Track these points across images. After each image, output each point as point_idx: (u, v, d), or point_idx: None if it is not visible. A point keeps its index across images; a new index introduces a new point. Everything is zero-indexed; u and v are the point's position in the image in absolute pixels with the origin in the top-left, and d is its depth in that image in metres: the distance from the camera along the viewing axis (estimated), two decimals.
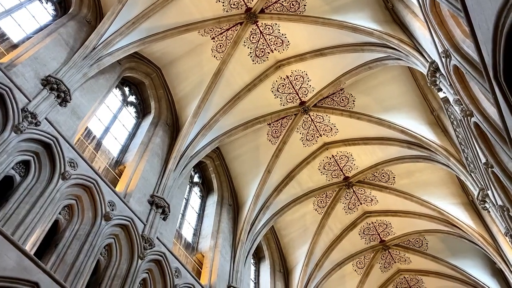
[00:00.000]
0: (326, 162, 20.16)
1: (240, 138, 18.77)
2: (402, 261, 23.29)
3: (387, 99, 17.25)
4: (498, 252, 16.39)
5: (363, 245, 22.66)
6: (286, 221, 21.44)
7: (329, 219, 21.30)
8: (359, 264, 23.11)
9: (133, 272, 11.12)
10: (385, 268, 23.53)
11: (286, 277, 21.02)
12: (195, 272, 14.67)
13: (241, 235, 17.58)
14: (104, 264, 10.88)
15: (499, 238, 15.79)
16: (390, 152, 18.68)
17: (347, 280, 23.11)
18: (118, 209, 11.55)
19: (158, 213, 12.99)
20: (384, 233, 22.32)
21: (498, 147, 8.47)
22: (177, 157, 14.76)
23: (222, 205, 18.24)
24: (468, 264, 21.25)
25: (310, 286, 20.88)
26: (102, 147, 13.27)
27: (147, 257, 11.86)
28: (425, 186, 19.36)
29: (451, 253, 21.60)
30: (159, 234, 12.80)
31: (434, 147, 15.82)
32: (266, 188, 18.93)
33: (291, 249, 21.67)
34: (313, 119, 18.84)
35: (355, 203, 21.44)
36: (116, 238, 11.39)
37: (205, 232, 16.89)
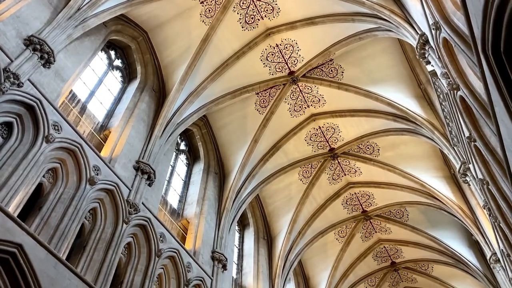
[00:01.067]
0: (313, 133, 20.25)
1: (228, 106, 18.66)
2: (383, 231, 23.91)
3: (376, 71, 17.23)
4: (476, 224, 16.92)
5: (345, 215, 23.14)
6: (272, 190, 21.69)
7: (313, 189, 21.60)
8: (340, 233, 23.65)
9: (118, 236, 11.21)
10: (366, 237, 24.15)
11: (270, 244, 21.46)
12: (180, 237, 14.86)
13: (226, 202, 17.77)
14: (88, 227, 10.93)
15: (477, 211, 16.26)
16: (376, 124, 18.82)
17: (328, 248, 23.72)
18: (103, 173, 11.52)
19: (143, 179, 12.99)
20: (367, 203, 22.77)
21: (482, 121, 8.59)
22: (163, 123, 14.65)
23: (208, 173, 18.31)
24: (446, 235, 21.93)
25: (293, 253, 21.40)
26: (87, 111, 13.09)
27: (132, 222, 11.93)
28: (409, 159, 19.68)
29: (431, 224, 22.24)
30: (144, 199, 12.85)
31: (419, 121, 15.98)
32: (252, 157, 19.01)
33: (275, 217, 22.03)
34: (301, 90, 18.77)
35: (339, 174, 21.73)
36: (101, 203, 11.40)
37: (191, 199, 17.01)
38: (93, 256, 10.47)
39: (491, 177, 9.72)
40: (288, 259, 21.22)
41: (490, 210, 11.33)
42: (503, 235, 11.46)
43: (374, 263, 25.20)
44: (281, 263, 20.58)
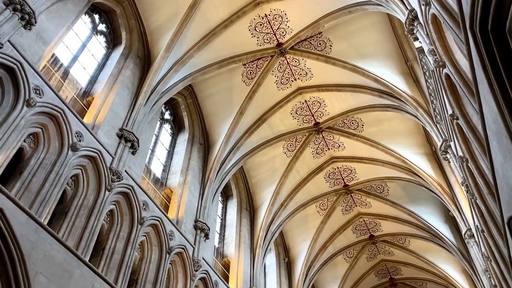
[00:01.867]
0: (299, 106, 20.25)
1: (214, 77, 18.45)
2: (363, 205, 24.40)
3: (364, 46, 17.16)
4: (453, 201, 17.39)
5: (327, 188, 23.48)
6: (256, 163, 21.81)
7: (297, 162, 21.78)
8: (322, 206, 24.05)
9: (100, 203, 11.20)
10: (346, 211, 24.64)
11: (252, 215, 21.75)
12: (163, 206, 14.93)
13: (210, 173, 17.82)
14: (70, 194, 10.87)
15: (456, 188, 16.68)
16: (362, 100, 18.90)
17: (309, 220, 24.15)
18: (85, 140, 11.38)
19: (127, 147, 12.89)
20: (348, 178, 23.11)
21: (465, 99, 8.69)
22: (147, 91, 14.43)
23: (192, 144, 18.26)
24: (424, 210, 22.51)
25: (274, 224, 21.75)
26: (69, 76, 12.80)
27: (115, 189, 11.91)
28: (392, 135, 19.92)
29: (410, 200, 22.76)
30: (128, 167, 12.79)
31: (404, 97, 16.10)
32: (237, 129, 18.98)
33: (258, 189, 22.25)
34: (289, 62, 18.63)
35: (323, 148, 21.91)
36: (83, 169, 11.32)
37: (175, 169, 17.00)
38: (75, 222, 10.47)
39: (471, 154, 9.93)
40: (270, 230, 21.59)
41: (468, 187, 11.62)
42: (478, 211, 11.80)
43: (353, 236, 25.81)
44: (262, 234, 20.93)
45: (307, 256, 24.18)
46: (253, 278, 19.23)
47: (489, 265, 13.77)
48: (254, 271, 19.55)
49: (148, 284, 12.41)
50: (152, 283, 12.55)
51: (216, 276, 16.16)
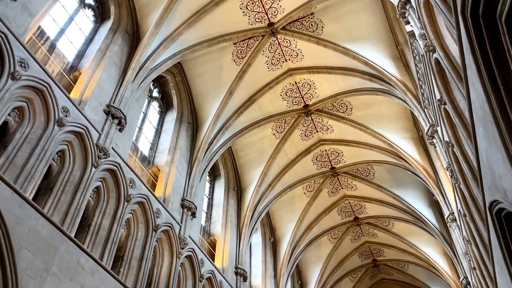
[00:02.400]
0: (289, 88, 20.19)
1: (204, 55, 18.23)
2: (349, 188, 24.68)
3: (355, 28, 17.08)
4: (437, 185, 17.67)
5: (314, 170, 23.65)
6: (244, 143, 21.82)
7: (286, 144, 21.85)
8: (308, 188, 24.27)
9: (87, 179, 11.13)
10: (332, 193, 24.90)
11: (239, 195, 21.87)
12: (150, 184, 14.91)
13: (198, 153, 17.79)
14: (56, 169, 10.78)
15: (440, 173, 16.93)
16: (352, 83, 18.91)
17: (296, 201, 24.39)
18: (72, 115, 11.23)
19: (114, 124, 12.76)
20: (336, 160, 23.29)
21: (453, 84, 8.74)
22: (136, 68, 14.22)
23: (181, 123, 18.15)
24: (409, 194, 22.86)
25: (261, 204, 21.92)
26: (56, 50, 12.53)
27: (101, 166, 11.83)
28: (380, 119, 20.04)
29: (395, 183, 23.07)
30: (115, 144, 12.69)
31: (394, 81, 16.15)
32: (226, 109, 18.90)
33: (246, 170, 22.32)
34: (280, 43, 18.48)
35: (312, 131, 21.98)
36: (70, 145, 11.20)
37: (162, 147, 16.93)
38: (60, 197, 10.41)
39: (457, 140, 10.05)
40: (257, 210, 21.77)
41: (452, 172, 11.80)
42: (461, 196, 12.02)
43: (338, 218, 26.17)
44: (249, 214, 21.10)
45: (293, 236, 24.49)
46: (238, 257, 19.46)
47: (469, 248, 14.11)
48: (240, 250, 19.77)
49: (134, 261, 12.48)
50: (138, 260, 12.62)
51: (202, 254, 16.31)
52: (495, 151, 6.52)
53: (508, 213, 7.33)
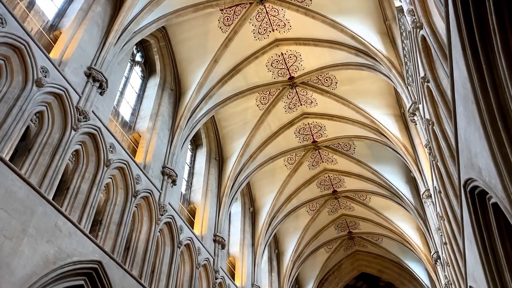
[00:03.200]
0: (275, 59, 20.00)
1: (190, 20, 17.78)
2: (329, 162, 24.98)
3: (344, 0, 16.84)
4: (416, 162, 18.02)
5: (296, 143, 23.80)
6: (228, 113, 21.71)
7: (269, 115, 21.83)
8: (290, 160, 24.47)
9: (66, 142, 10.96)
10: (313, 166, 25.18)
11: (221, 165, 21.93)
12: (130, 150, 14.78)
13: (180, 121, 17.63)
14: (34, 131, 10.56)
15: (419, 150, 17.23)
16: (338, 57, 18.82)
17: (277, 173, 24.62)
18: (51, 76, 10.92)
19: (95, 87, 12.48)
20: (318, 134, 23.44)
21: (438, 63, 8.79)
22: (118, 30, 13.80)
23: (164, 89, 17.88)
24: (387, 170, 23.29)
25: (242, 175, 22.06)
26: (35, 7, 12.04)
27: (81, 130, 11.64)
28: (364, 95, 20.13)
29: (374, 159, 23.43)
30: (95, 108, 12.46)
31: (379, 57, 16.13)
32: (211, 77, 18.65)
33: (228, 140, 22.31)
34: (268, 11, 18.15)
35: (296, 104, 21.97)
36: (49, 106, 10.94)
37: (144, 113, 16.72)
38: (38, 159, 10.26)
39: (437, 118, 10.19)
40: (237, 180, 21.92)
41: (431, 149, 12.03)
42: (438, 173, 12.31)
43: (317, 190, 26.58)
44: (230, 184, 21.24)
45: (272, 207, 24.84)
46: (218, 225, 19.70)
47: (442, 224, 14.58)
48: (219, 219, 19.99)
49: (113, 225, 12.50)
50: (117, 224, 12.65)
51: (182, 221, 16.43)
52: (473, 130, 6.65)
53: (481, 191, 7.54)
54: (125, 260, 12.85)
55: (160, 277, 14.46)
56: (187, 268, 16.56)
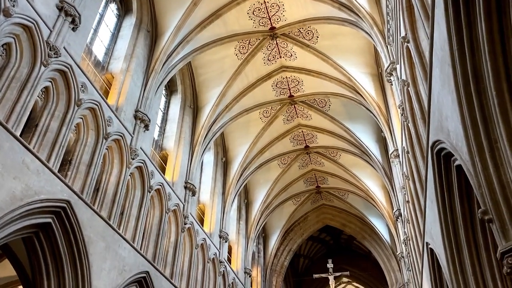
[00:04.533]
0: (257, 7, 19.39)
1: None
2: (304, 117, 25.13)
3: None
4: (387, 122, 18.36)
5: (273, 96, 23.71)
6: (205, 60, 21.23)
7: (247, 66, 21.49)
8: (265, 113, 24.48)
9: (35, 77, 10.54)
10: (288, 120, 25.31)
11: (195, 113, 21.74)
12: (102, 91, 14.39)
13: (156, 64, 17.14)
14: (1, 63, 10.08)
15: (392, 111, 17.51)
16: (321, 10, 18.41)
17: (251, 125, 24.65)
18: (20, 6, 10.29)
19: (67, 22, 11.87)
20: (295, 89, 23.38)
21: (420, 23, 8.74)
22: None
23: (139, 30, 17.21)
24: (359, 129, 23.69)
25: (216, 125, 22.00)
26: None
27: (51, 66, 11.18)
28: (344, 52, 19.99)
29: (348, 117, 23.71)
30: (67, 44, 11.92)
31: (362, 13, 15.88)
32: (189, 21, 17.98)
33: (204, 88, 21.98)
34: None
35: (275, 56, 21.66)
36: (17, 39, 10.39)
37: (118, 54, 16.15)
38: (5, 94, 9.88)
39: (413, 79, 10.30)
40: (211, 130, 21.86)
41: (404, 110, 12.23)
42: (408, 134, 12.61)
43: (290, 145, 26.90)
44: (203, 133, 21.18)
45: (244, 158, 25.08)
46: (189, 173, 19.82)
47: (407, 183, 15.14)
48: (191, 167, 20.08)
49: (82, 166, 12.39)
50: (87, 165, 12.54)
51: (153, 166, 16.43)
52: (447, 93, 6.76)
53: (447, 153, 7.79)
54: (94, 201, 12.87)
55: (129, 220, 14.63)
56: (156, 212, 16.77)
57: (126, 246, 13.68)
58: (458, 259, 8.51)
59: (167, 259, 17.07)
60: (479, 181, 5.63)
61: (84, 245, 11.46)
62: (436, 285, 11.53)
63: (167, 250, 17.29)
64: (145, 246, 15.54)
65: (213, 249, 21.73)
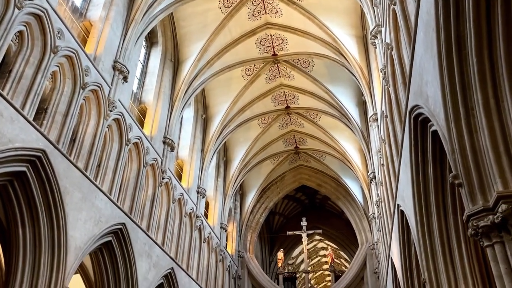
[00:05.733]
0: None
1: None
2: (287, 77, 24.95)
3: None
4: (369, 86, 18.43)
5: (256, 54, 23.33)
6: (188, 12, 20.55)
7: (231, 21, 20.93)
8: (247, 71, 24.16)
9: (8, 20, 10.02)
10: (270, 79, 25.09)
11: (176, 67, 21.30)
12: (80, 39, 13.84)
13: (136, 13, 16.48)
14: None
15: (374, 74, 17.53)
16: None
17: (233, 82, 24.36)
18: None
19: None
20: (279, 47, 23.03)
21: None
22: None
23: None
24: (341, 91, 23.72)
25: (197, 80, 21.66)
26: None
27: (26, 9, 10.62)
28: (330, 11, 19.62)
29: (330, 79, 23.64)
30: None
31: None
32: None
33: (186, 42, 21.43)
34: None
35: (260, 11, 21.13)
36: None
37: (97, 1, 15.45)
38: None
39: (397, 43, 10.26)
40: (192, 85, 21.53)
41: (385, 74, 12.26)
42: (388, 98, 12.72)
43: (271, 105, 26.82)
44: (184, 88, 20.84)
45: (225, 116, 24.96)
46: (168, 128, 19.66)
47: (383, 147, 15.43)
48: (170, 122, 19.90)
49: (59, 116, 12.12)
50: (63, 115, 12.27)
51: (131, 119, 16.21)
52: (429, 58, 6.77)
53: (425, 118, 7.92)
54: (70, 152, 12.70)
55: (106, 172, 14.56)
56: (134, 166, 16.72)
57: (102, 197, 13.71)
58: (427, 221, 8.87)
59: (144, 212, 17.22)
60: (452, 147, 5.77)
61: (60, 195, 11.42)
62: (404, 245, 12.06)
63: (144, 204, 17.41)
64: (122, 199, 15.59)
65: (190, 204, 21.99)
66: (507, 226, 4.80)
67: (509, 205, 4.70)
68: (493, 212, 4.94)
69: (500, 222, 4.82)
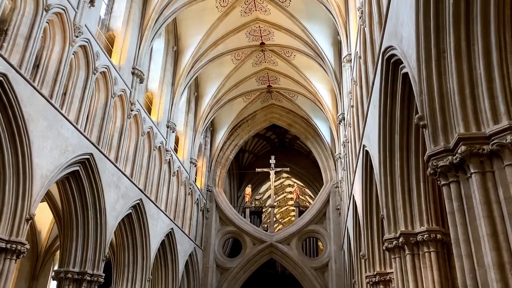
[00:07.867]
0: None
1: None
2: (263, 11, 24.13)
3: None
4: (345, 26, 18.14)
5: None
6: None
7: None
8: (222, 2, 23.16)
9: None
10: (245, 13, 24.20)
11: None
12: None
13: None
14: None
15: (351, 13, 17.19)
16: None
17: (207, 14, 23.24)
18: None
19: None
20: None
21: None
22: None
23: None
24: (317, 30, 23.25)
25: (169, 9, 20.49)
26: None
27: None
28: None
29: (307, 16, 23.01)
30: None
31: None
32: None
33: None
34: None
35: None
36: None
37: None
38: None
39: None
40: (163, 14, 20.54)
41: (362, 13, 12.05)
42: (363, 38, 12.61)
43: (246, 40, 26.13)
44: (154, 16, 19.88)
45: (197, 49, 24.24)
46: (137, 58, 18.98)
47: (354, 88, 15.54)
48: (140, 52, 19.17)
49: (20, 39, 11.43)
50: (25, 38, 11.58)
51: (98, 47, 15.51)
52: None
53: (397, 60, 7.94)
54: (34, 78, 12.18)
55: (73, 100, 14.14)
56: (101, 96, 16.27)
57: (69, 126, 13.42)
58: (390, 161, 9.21)
59: (112, 143, 17.04)
60: (421, 88, 5.86)
61: (24, 122, 11.08)
62: (366, 184, 12.57)
63: (112, 135, 17.19)
64: (90, 129, 15.32)
65: (160, 138, 21.89)
66: (464, 167, 5.03)
67: (468, 146, 4.90)
68: (453, 153, 5.15)
69: (458, 163, 5.04)
